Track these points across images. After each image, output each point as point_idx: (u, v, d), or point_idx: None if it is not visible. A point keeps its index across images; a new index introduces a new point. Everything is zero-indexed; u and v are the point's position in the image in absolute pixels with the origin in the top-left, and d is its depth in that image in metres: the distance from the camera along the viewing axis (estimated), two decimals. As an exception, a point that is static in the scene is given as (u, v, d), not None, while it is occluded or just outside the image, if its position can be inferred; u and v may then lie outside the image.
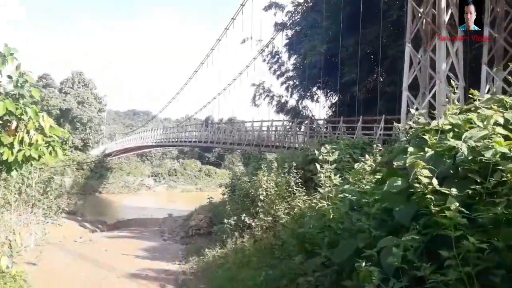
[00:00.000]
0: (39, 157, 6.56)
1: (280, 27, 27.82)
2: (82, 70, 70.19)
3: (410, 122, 5.82)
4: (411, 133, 5.74)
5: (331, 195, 5.04)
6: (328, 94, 26.21)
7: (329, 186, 5.16)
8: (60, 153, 7.04)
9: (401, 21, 19.67)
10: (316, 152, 5.16)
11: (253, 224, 11.63)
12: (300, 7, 26.98)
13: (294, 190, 11.92)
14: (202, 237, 17.09)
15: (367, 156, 7.41)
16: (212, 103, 41.83)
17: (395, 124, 11.06)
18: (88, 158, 60.42)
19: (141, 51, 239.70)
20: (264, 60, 29.13)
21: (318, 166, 4.98)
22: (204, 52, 39.33)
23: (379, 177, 5.33)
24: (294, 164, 12.30)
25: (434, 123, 4.75)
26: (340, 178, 7.77)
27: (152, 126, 63.28)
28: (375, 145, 8.49)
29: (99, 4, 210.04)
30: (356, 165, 7.27)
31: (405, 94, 14.15)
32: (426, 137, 4.46)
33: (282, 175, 12.24)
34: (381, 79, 21.52)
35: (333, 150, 5.57)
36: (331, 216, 4.37)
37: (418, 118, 5.52)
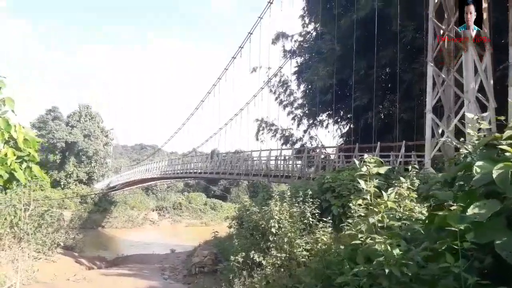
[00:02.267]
0: (11, 176, 5.38)
1: (289, 54, 27.13)
2: (89, 104, 70.17)
3: (470, 130, 4.56)
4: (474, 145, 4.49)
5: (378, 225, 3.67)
6: (339, 122, 25.11)
7: (376, 212, 3.79)
8: (37, 171, 5.83)
9: (416, 43, 18.79)
10: (357, 162, 3.83)
11: (263, 262, 10.19)
12: (309, 34, 26.37)
13: (311, 222, 10.60)
14: (207, 275, 15.52)
15: (402, 179, 6.15)
16: (218, 134, 40.88)
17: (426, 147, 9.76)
18: (92, 191, 59.26)
19: (150, 83, 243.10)
20: (271, 91, 28.42)
21: (362, 182, 3.65)
22: (211, 83, 38.81)
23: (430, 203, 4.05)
24: (310, 193, 10.98)
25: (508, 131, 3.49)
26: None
27: (158, 159, 62.36)
28: (410, 168, 7.17)
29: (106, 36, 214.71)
30: (390, 190, 5.99)
31: (429, 116, 12.93)
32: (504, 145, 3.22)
33: (296, 204, 10.90)
34: (396, 105, 20.40)
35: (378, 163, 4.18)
36: (384, 257, 3.02)
37: (480, 124, 4.33)
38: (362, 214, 6.28)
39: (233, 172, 28.11)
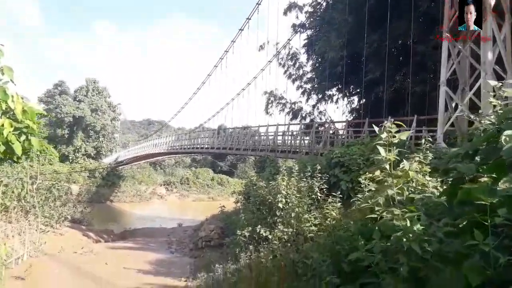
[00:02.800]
0: (8, 147, 5.14)
1: (298, 28, 26.31)
2: (96, 78, 69.74)
3: (492, 99, 4.22)
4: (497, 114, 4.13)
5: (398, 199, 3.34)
6: (349, 96, 24.53)
7: (395, 184, 3.45)
8: (36, 143, 5.57)
9: (430, 15, 18.05)
10: (376, 128, 3.50)
11: (270, 236, 10.03)
12: (320, 5, 25.44)
13: (319, 197, 10.36)
14: (213, 249, 15.51)
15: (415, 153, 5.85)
16: (225, 109, 40.44)
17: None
18: (100, 166, 59.66)
19: (157, 59, 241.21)
20: (280, 64, 27.65)
21: (381, 150, 3.32)
22: (219, 57, 38.10)
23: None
24: (319, 167, 10.69)
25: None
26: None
27: (166, 135, 62.35)
28: (423, 140, 6.84)
29: (115, 13, 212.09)
30: (402, 165, 5.68)
31: (443, 89, 12.44)
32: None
33: (305, 179, 10.64)
34: (409, 79, 19.81)
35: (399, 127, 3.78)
36: (402, 232, 2.72)
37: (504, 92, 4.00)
38: (373, 188, 6.03)
39: (240, 148, 27.85)
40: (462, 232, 2.60)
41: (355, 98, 24.62)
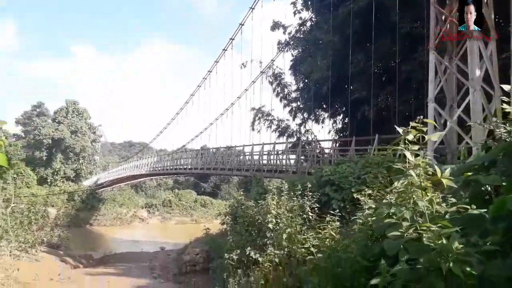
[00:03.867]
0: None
1: (284, 46, 26.35)
2: (76, 100, 68.66)
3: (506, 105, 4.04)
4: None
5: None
6: (335, 116, 24.48)
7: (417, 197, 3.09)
8: (1, 160, 5.02)
9: (414, 34, 18.28)
10: (400, 130, 3.16)
11: (260, 259, 9.53)
12: (304, 26, 25.59)
13: (310, 217, 9.96)
14: (198, 274, 14.83)
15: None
16: (209, 129, 40.02)
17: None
18: (79, 188, 58.09)
19: (139, 81, 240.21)
20: (269, 82, 27.57)
21: (408, 154, 2.98)
22: (201, 78, 37.89)
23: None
24: (309, 185, 10.34)
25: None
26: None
27: (147, 156, 61.31)
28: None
29: (94, 34, 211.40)
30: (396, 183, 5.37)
31: (432, 106, 12.35)
32: None
33: (295, 198, 10.26)
34: (394, 98, 19.87)
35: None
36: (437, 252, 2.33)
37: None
38: (373, 206, 5.68)
39: (225, 168, 27.38)
40: (505, 250, 2.25)
41: (340, 117, 24.59)
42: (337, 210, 10.65)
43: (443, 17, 12.74)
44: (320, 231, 7.57)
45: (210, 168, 29.73)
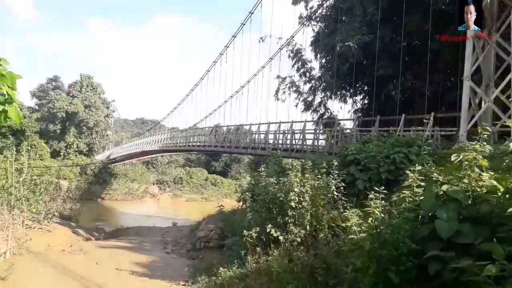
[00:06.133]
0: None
1: (304, 21, 25.19)
2: (90, 74, 68.34)
3: None
4: None
5: None
6: (357, 94, 23.49)
7: None
8: (14, 115, 4.48)
9: (447, 11, 17.27)
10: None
11: (281, 238, 9.05)
12: (328, 1, 24.32)
13: (335, 196, 9.42)
14: (212, 251, 14.49)
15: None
16: (223, 107, 39.29)
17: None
18: (92, 162, 58.32)
19: (152, 57, 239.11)
20: (289, 56, 26.32)
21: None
22: (217, 54, 37.02)
23: None
24: (336, 163, 9.75)
25: None
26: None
27: (160, 132, 61.05)
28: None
29: (110, 8, 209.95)
30: (453, 156, 4.75)
31: (468, 84, 11.55)
32: None
33: (319, 176, 9.70)
34: (419, 77, 18.97)
35: None
36: None
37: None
38: (422, 184, 5.08)
39: (239, 146, 26.82)
40: None
41: (363, 97, 23.65)
42: (362, 190, 10.26)
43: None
44: (347, 211, 7.02)
45: (224, 146, 29.20)
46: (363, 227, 5.11)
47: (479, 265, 2.46)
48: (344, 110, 24.76)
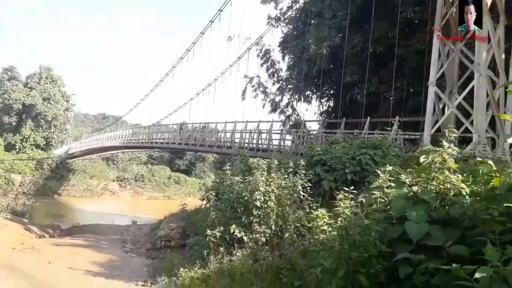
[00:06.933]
0: None
1: (273, 22, 25.17)
2: (51, 66, 65.57)
3: None
4: None
5: None
6: (323, 97, 23.68)
7: None
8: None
9: (413, 19, 17.71)
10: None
11: (245, 238, 8.85)
12: (297, 3, 24.41)
13: (301, 196, 9.32)
14: (174, 250, 14.07)
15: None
16: (189, 104, 38.70)
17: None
18: (49, 157, 55.98)
19: (117, 53, 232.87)
20: (258, 56, 26.20)
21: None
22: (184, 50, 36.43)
23: None
24: (303, 163, 9.66)
25: None
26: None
27: (122, 128, 59.36)
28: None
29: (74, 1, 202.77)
30: (422, 158, 4.73)
31: (432, 89, 11.79)
32: None
33: (286, 176, 9.58)
34: (384, 82, 19.33)
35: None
36: None
37: None
38: (393, 184, 5.02)
39: (204, 144, 26.44)
40: None
41: (329, 99, 23.86)
42: (328, 191, 10.26)
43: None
44: (313, 211, 6.91)
45: (189, 144, 28.70)
46: (331, 228, 4.98)
47: (465, 269, 2.33)
48: (310, 112, 24.91)
